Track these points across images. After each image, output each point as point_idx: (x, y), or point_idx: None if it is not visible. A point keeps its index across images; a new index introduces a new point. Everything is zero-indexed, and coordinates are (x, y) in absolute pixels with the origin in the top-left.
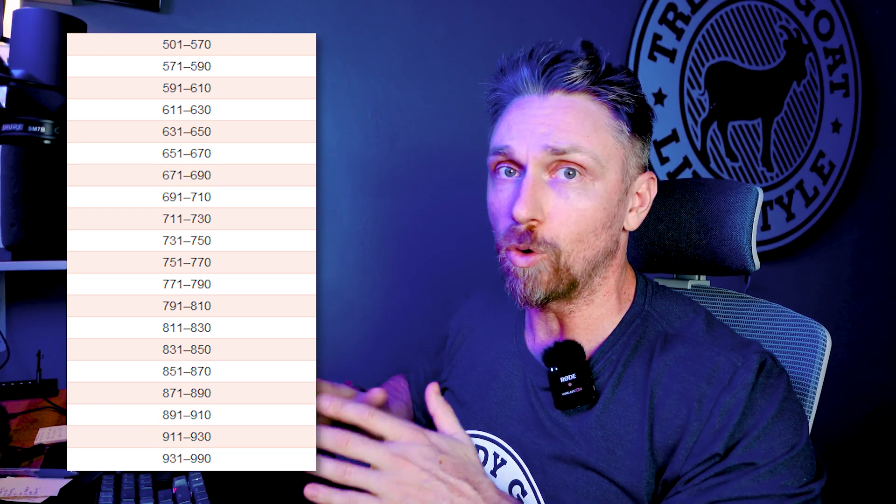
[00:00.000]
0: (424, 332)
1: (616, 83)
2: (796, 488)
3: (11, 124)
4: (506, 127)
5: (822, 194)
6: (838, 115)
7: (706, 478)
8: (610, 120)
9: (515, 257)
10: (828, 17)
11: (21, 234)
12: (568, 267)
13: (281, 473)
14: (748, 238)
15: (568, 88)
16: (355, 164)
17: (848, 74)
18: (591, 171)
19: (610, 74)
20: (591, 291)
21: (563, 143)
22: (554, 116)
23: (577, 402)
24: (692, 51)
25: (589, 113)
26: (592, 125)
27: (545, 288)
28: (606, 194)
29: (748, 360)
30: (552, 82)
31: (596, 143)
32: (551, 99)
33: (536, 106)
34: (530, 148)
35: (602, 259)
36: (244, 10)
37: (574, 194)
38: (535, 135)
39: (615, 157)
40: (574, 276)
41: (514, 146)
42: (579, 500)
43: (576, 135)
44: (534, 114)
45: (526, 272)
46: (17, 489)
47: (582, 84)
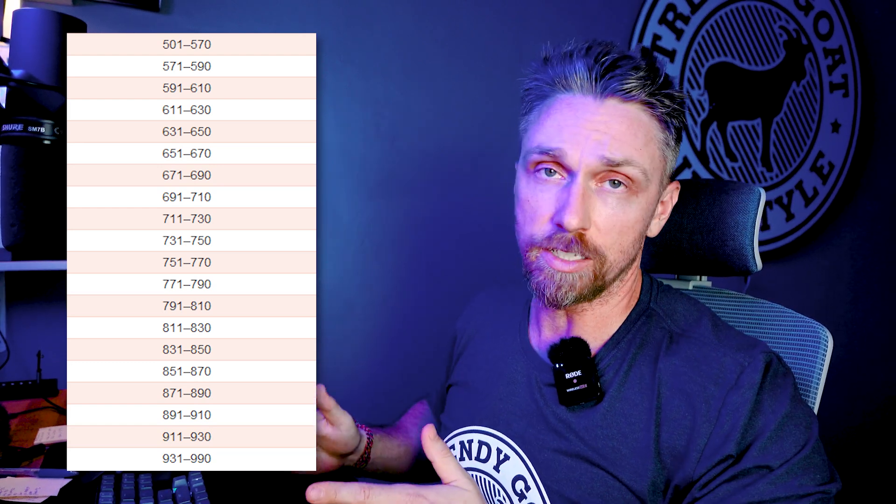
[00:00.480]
0: (424, 331)
1: (669, 96)
2: (813, 487)
3: (11, 124)
4: (556, 127)
5: (821, 194)
6: (838, 115)
7: (721, 482)
8: (659, 132)
9: (554, 260)
10: (827, 18)
11: (21, 234)
12: (604, 274)
13: (281, 473)
14: (750, 239)
15: (624, 97)
16: (355, 164)
17: (847, 74)
18: (637, 184)
19: (665, 87)
20: (609, 294)
21: (618, 156)
22: (610, 125)
23: (582, 398)
24: (692, 51)
25: (642, 124)
26: (644, 138)
27: (578, 293)
28: (647, 206)
29: (754, 360)
30: (609, 88)
31: (646, 156)
32: (607, 105)
33: (591, 111)
34: (584, 155)
35: (627, 266)
36: (244, 10)
37: (620, 206)
38: (590, 142)
39: (658, 169)
40: (605, 283)
41: (566, 150)
42: (582, 495)
43: (630, 147)
44: (589, 119)
45: (564, 277)
46: (17, 489)
47: (639, 95)
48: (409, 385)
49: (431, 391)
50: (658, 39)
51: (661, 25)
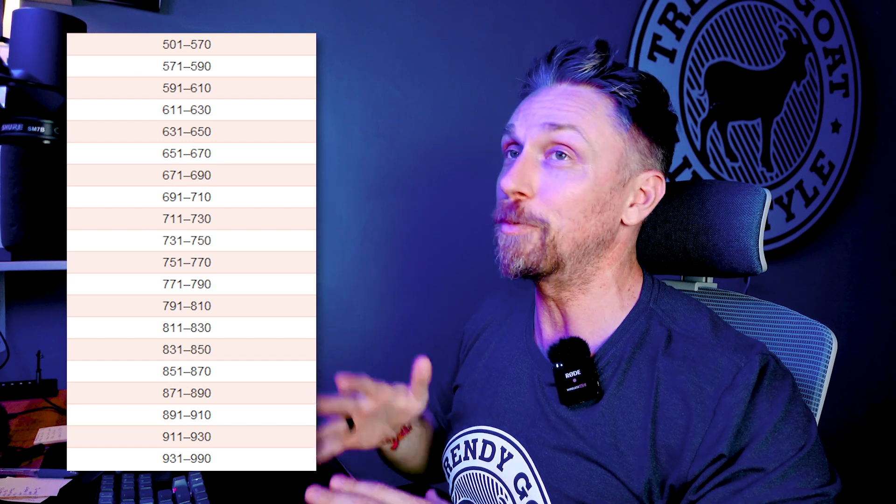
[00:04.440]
0: (424, 331)
1: (620, 77)
2: (810, 490)
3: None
4: (515, 113)
5: (821, 194)
6: (838, 115)
7: (716, 484)
8: (611, 111)
9: (503, 225)
10: (827, 18)
11: (21, 234)
12: (555, 244)
13: (281, 473)
14: (755, 240)
15: (574, 79)
16: (355, 164)
17: (847, 74)
18: (581, 154)
19: (616, 69)
20: (583, 280)
21: (562, 120)
22: (556, 101)
23: (582, 397)
24: (692, 51)
25: (590, 101)
26: (592, 112)
27: (525, 259)
28: (595, 179)
29: (750, 361)
30: (561, 73)
31: (592, 128)
32: (558, 88)
33: (544, 93)
34: (529, 127)
35: (594, 247)
36: (244, 10)
37: (563, 174)
38: (536, 116)
39: (611, 147)
40: (560, 255)
41: (516, 126)
42: (582, 491)
43: (574, 116)
44: (539, 100)
45: (509, 239)
46: (17, 489)
47: (587, 75)
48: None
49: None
50: (658, 39)
51: (661, 25)
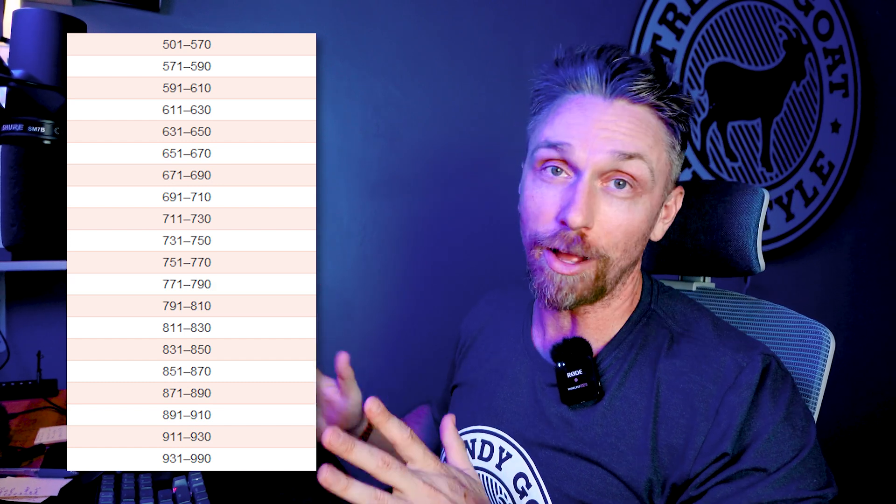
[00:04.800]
0: (424, 331)
1: (677, 101)
2: (809, 492)
3: (11, 124)
4: (563, 123)
5: (821, 194)
6: (838, 115)
7: (718, 482)
8: (666, 136)
9: (554, 262)
10: (827, 18)
11: (21, 234)
12: (606, 274)
13: (281, 473)
14: (754, 239)
15: (633, 99)
16: (355, 164)
17: (847, 75)
18: (642, 184)
19: (674, 92)
20: (611, 296)
21: (631, 148)
22: (619, 124)
23: (583, 397)
24: (692, 51)
25: (650, 125)
26: (653, 138)
27: (578, 295)
28: (652, 208)
29: (753, 361)
30: (619, 89)
31: (654, 156)
32: (616, 105)
33: (601, 110)
34: (592, 153)
35: (630, 268)
36: (244, 10)
37: (625, 206)
38: (599, 140)
39: (664, 172)
40: (606, 285)
41: (574, 146)
42: (581, 491)
43: (641, 143)
44: (598, 118)
45: (564, 279)
46: (17, 489)
47: (647, 97)
48: (409, 384)
49: (433, 396)
50: (658, 39)
51: (661, 25)
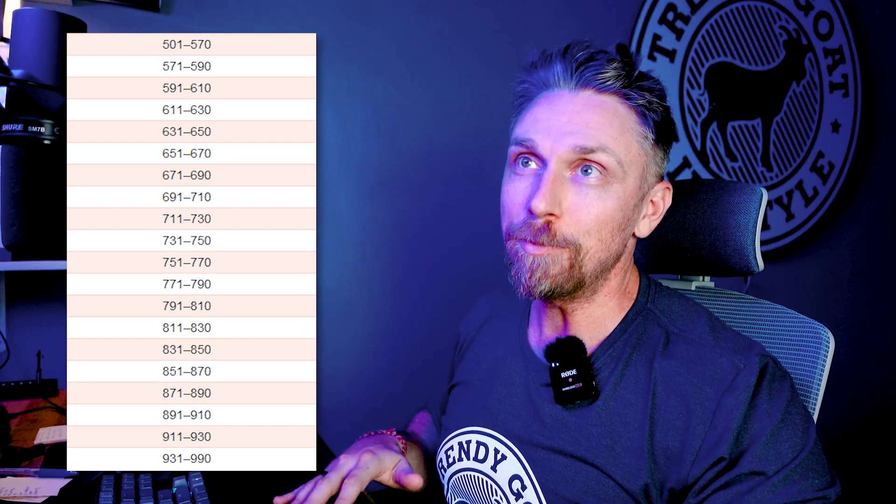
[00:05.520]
0: (424, 331)
1: (646, 89)
2: (811, 493)
3: (11, 124)
4: (532, 119)
5: (821, 194)
6: (838, 115)
7: (717, 488)
8: (636, 125)
9: (527, 245)
10: (827, 18)
11: (21, 234)
12: (582, 265)
13: (281, 473)
14: (752, 239)
15: (599, 88)
16: (355, 164)
17: (847, 74)
18: (612, 172)
19: (641, 80)
20: (592, 291)
21: (592, 142)
22: (583, 115)
23: (577, 397)
24: (692, 51)
25: (617, 115)
26: (619, 127)
27: (552, 281)
28: (624, 197)
29: (750, 363)
30: (584, 80)
31: (621, 146)
32: (581, 96)
33: (565, 101)
34: (555, 143)
35: (612, 263)
36: (244, 10)
37: (593, 192)
38: (562, 132)
39: (637, 162)
40: (583, 276)
41: (538, 140)
42: (577, 493)
43: (604, 135)
44: (562, 109)
45: (536, 260)
46: (17, 489)
47: (613, 85)
48: (408, 384)
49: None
50: (658, 39)
51: (661, 25)
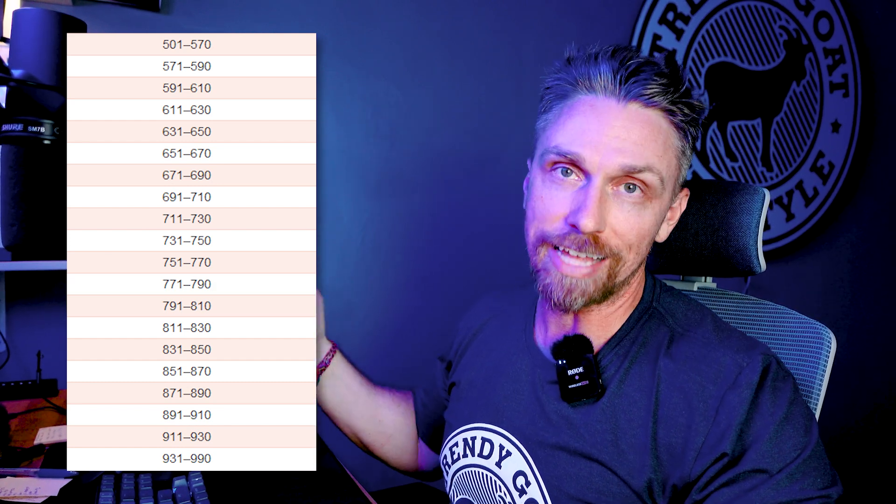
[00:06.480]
0: (424, 331)
1: (690, 105)
2: (814, 491)
3: (11, 124)
4: (577, 129)
5: (821, 194)
6: (838, 115)
7: (720, 485)
8: (676, 140)
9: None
10: (827, 18)
11: (21, 234)
12: (617, 275)
13: (281, 473)
14: (754, 239)
15: (646, 102)
16: (355, 164)
17: (847, 74)
18: (653, 190)
19: (687, 96)
20: (616, 296)
21: (640, 162)
22: (631, 131)
23: (583, 394)
24: (692, 51)
25: (661, 131)
26: (663, 145)
27: (588, 298)
28: (661, 211)
29: (753, 361)
30: (632, 92)
31: (664, 163)
32: (629, 109)
33: (614, 115)
34: (604, 160)
35: (638, 269)
36: (244, 10)
37: (635, 209)
38: (611, 148)
39: (673, 177)
40: (615, 285)
41: (585, 155)
42: (581, 490)
43: (650, 153)
44: (611, 123)
45: (575, 282)
46: (17, 489)
47: (660, 101)
48: (408, 384)
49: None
50: (658, 39)
51: (661, 25)
